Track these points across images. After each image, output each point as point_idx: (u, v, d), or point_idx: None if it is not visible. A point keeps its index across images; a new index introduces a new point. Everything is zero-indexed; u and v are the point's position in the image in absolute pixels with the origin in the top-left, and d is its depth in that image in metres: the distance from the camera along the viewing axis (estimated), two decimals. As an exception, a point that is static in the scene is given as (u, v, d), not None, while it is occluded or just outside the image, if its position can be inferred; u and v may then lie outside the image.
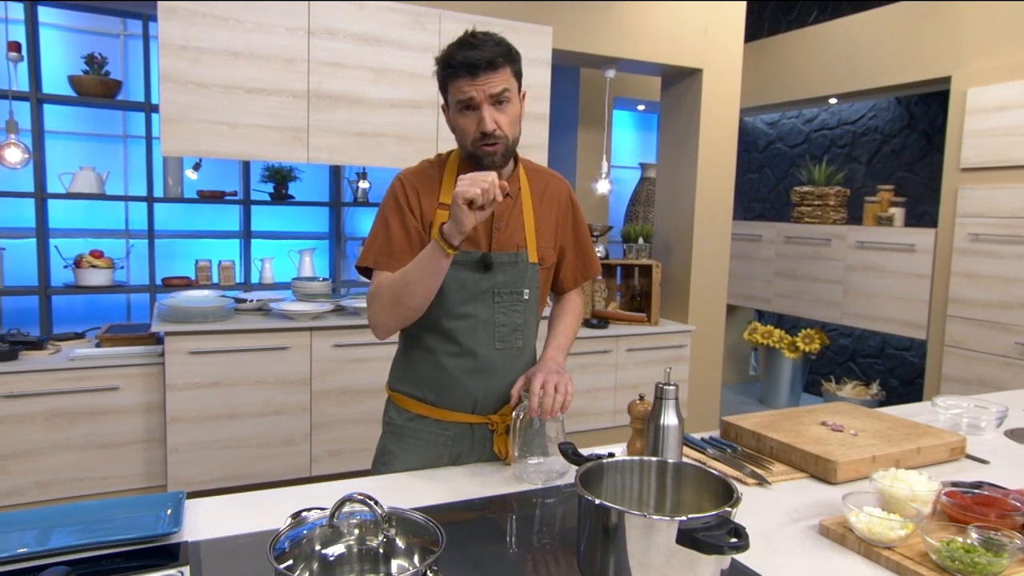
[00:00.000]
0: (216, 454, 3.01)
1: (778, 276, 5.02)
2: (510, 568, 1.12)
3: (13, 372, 2.76)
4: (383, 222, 1.49)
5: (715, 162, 4.12)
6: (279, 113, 3.05)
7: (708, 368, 4.28)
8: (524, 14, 3.51)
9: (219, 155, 2.99)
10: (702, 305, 4.20)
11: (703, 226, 4.13)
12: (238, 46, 2.93)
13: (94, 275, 3.77)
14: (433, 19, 3.28)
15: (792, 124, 5.61)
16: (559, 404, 1.40)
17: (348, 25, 3.13)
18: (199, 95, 2.90)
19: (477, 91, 1.38)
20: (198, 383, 2.94)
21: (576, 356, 3.78)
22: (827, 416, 1.79)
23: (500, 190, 1.26)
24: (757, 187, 5.93)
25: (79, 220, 4.04)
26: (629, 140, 5.73)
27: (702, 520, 0.95)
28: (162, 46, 2.82)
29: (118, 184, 4.13)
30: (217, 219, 4.39)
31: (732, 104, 4.13)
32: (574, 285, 1.69)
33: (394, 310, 1.40)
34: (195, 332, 2.92)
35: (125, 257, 4.06)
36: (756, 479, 1.48)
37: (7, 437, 2.77)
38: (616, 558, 0.99)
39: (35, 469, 2.81)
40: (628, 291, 4.32)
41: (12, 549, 1.08)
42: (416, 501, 1.33)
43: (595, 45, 3.69)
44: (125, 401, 2.91)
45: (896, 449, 1.56)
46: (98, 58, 3.74)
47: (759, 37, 5.55)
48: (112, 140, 4.10)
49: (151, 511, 1.23)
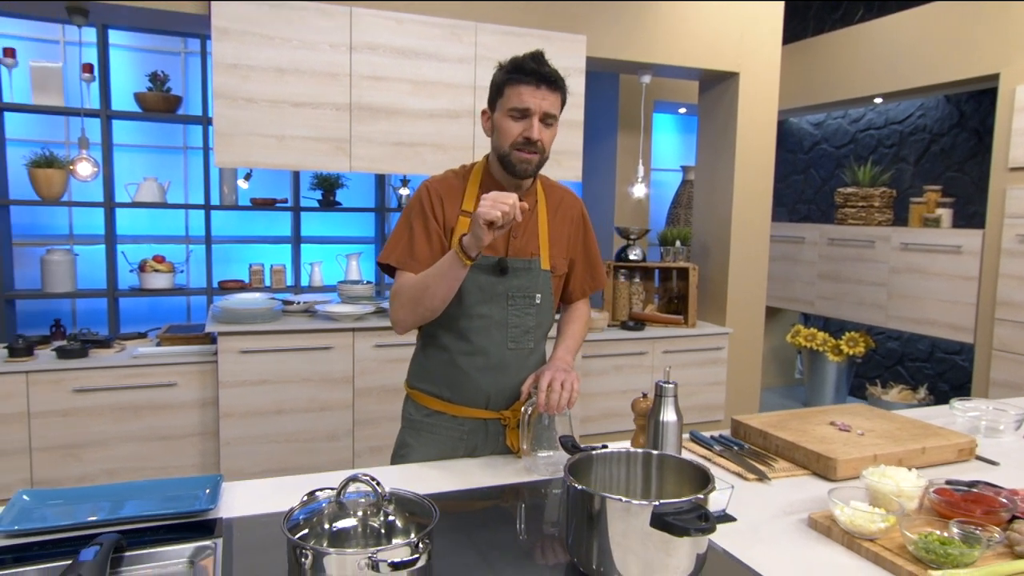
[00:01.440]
0: (264, 447, 3.19)
1: (821, 278, 4.97)
2: (506, 548, 1.22)
3: (83, 368, 3.00)
4: (407, 225, 1.60)
5: (753, 165, 4.12)
6: (323, 125, 3.22)
7: (747, 371, 4.28)
8: (558, 24, 3.60)
9: (268, 166, 3.17)
10: (740, 307, 4.20)
11: (741, 228, 4.14)
12: (285, 63, 3.12)
13: (156, 279, 4.03)
14: (469, 31, 3.40)
15: (838, 124, 5.53)
16: (565, 400, 1.50)
17: (388, 40, 3.28)
18: (249, 110, 3.09)
19: (535, 102, 1.50)
20: (248, 380, 3.13)
21: (611, 357, 3.85)
22: (838, 416, 1.83)
23: (522, 209, 1.36)
24: (803, 188, 5.86)
25: (143, 227, 4.32)
26: (671, 143, 5.75)
27: (674, 505, 1.03)
28: (215, 65, 3.02)
29: (179, 193, 4.39)
30: (270, 225, 4.62)
31: (769, 107, 4.13)
32: (582, 295, 1.79)
33: (413, 309, 1.52)
34: (246, 332, 3.11)
35: (185, 262, 4.32)
36: (756, 475, 1.54)
37: (79, 428, 3.00)
38: (599, 541, 1.08)
39: (103, 458, 3.04)
40: (666, 293, 4.36)
41: (73, 519, 1.24)
42: (431, 489, 1.44)
43: (629, 52, 3.76)
44: (182, 396, 3.12)
45: (900, 448, 1.60)
46: (160, 75, 4.01)
47: (804, 37, 5.49)
48: (173, 152, 4.37)
49: (192, 491, 1.38)
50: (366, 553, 0.92)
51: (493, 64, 3.51)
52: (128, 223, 4.27)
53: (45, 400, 2.94)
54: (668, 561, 1.04)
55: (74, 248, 4.10)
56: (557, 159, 3.63)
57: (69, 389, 2.97)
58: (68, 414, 2.97)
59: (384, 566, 0.92)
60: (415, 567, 0.94)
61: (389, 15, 3.27)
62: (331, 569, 0.93)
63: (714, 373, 4.12)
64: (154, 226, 4.36)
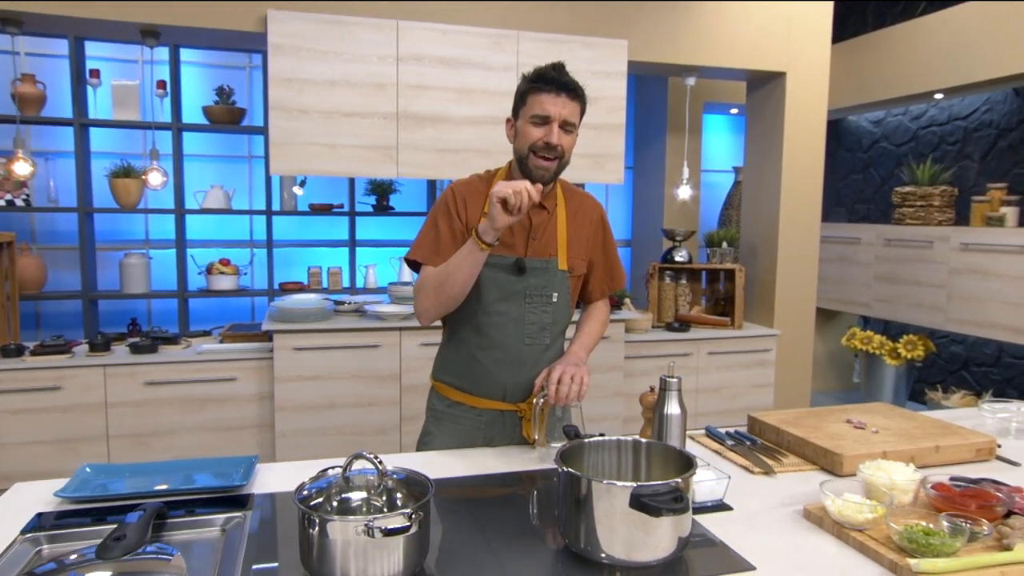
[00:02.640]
0: (317, 440, 3.37)
1: (878, 280, 4.84)
2: (508, 529, 1.30)
3: (153, 363, 3.24)
4: (433, 224, 1.72)
5: (801, 164, 4.07)
6: (371, 134, 3.38)
7: (796, 373, 4.22)
8: (600, 29, 3.66)
9: (320, 173, 3.36)
10: (789, 309, 4.15)
11: (789, 229, 4.10)
12: (335, 76, 3.29)
13: (222, 280, 4.30)
14: (512, 40, 3.50)
15: (898, 122, 5.37)
16: (574, 393, 1.57)
17: (433, 50, 3.42)
18: (302, 120, 3.28)
19: (555, 110, 1.60)
20: (301, 376, 3.32)
21: (655, 358, 3.88)
22: (857, 415, 1.84)
23: (534, 195, 1.45)
24: (862, 188, 5.72)
25: (211, 232, 4.61)
26: (723, 144, 5.71)
27: (652, 487, 1.10)
28: (271, 79, 3.22)
29: (244, 199, 4.66)
30: (328, 229, 4.84)
31: (818, 106, 4.07)
32: (601, 295, 1.86)
33: (436, 297, 1.62)
34: (299, 331, 3.30)
35: (248, 264, 4.58)
36: (762, 468, 1.58)
37: (149, 418, 3.25)
38: (586, 521, 1.15)
39: (171, 446, 3.28)
40: (713, 295, 4.35)
41: (125, 490, 1.40)
42: (447, 473, 1.54)
43: (672, 55, 3.78)
44: (242, 390, 3.33)
45: (911, 446, 1.60)
46: (226, 89, 4.28)
47: (863, 32, 5.37)
48: (238, 161, 4.64)
49: (230, 469, 1.52)
50: (364, 520, 1.03)
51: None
52: (198, 228, 4.55)
53: (120, 391, 3.19)
54: (647, 540, 1.11)
55: (149, 252, 4.41)
56: (599, 162, 3.69)
57: (141, 382, 3.21)
58: (140, 405, 3.22)
59: (378, 532, 1.02)
60: (407, 534, 1.04)
61: (434, 27, 3.40)
62: (334, 534, 1.05)
63: (761, 375, 4.09)
64: (221, 231, 4.64)
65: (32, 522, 1.29)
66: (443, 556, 1.19)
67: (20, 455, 3.09)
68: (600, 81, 3.63)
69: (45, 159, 4.24)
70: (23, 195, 4.00)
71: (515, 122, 1.69)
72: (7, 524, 1.29)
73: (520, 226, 1.68)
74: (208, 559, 1.21)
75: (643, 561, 1.13)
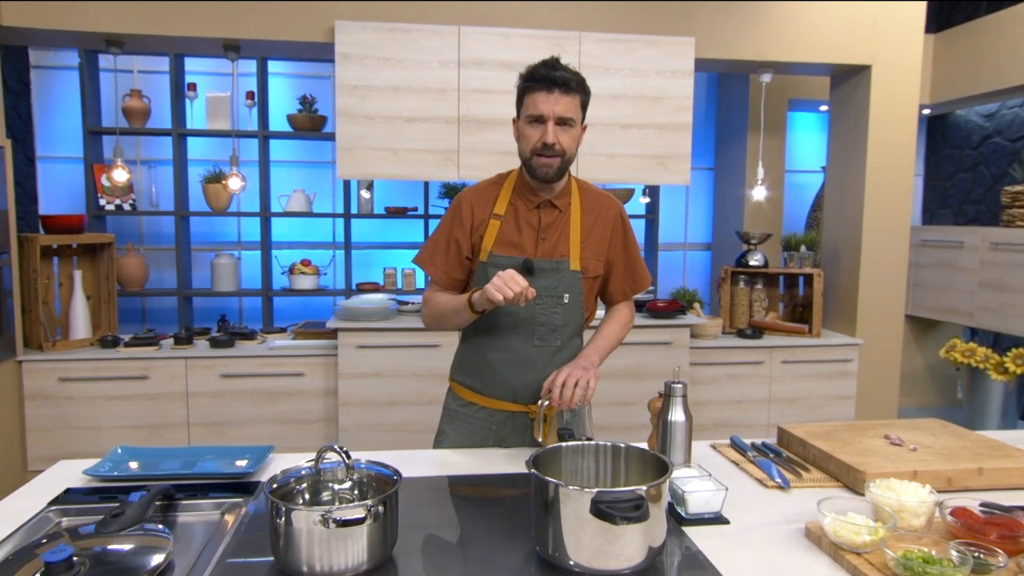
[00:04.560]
0: (378, 435, 3.48)
1: (983, 287, 4.44)
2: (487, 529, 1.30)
3: (229, 357, 3.45)
4: (441, 231, 1.75)
5: (888, 163, 3.81)
6: (433, 138, 3.45)
7: (881, 386, 3.95)
8: (664, 27, 3.58)
9: (385, 176, 3.47)
10: (874, 317, 3.89)
11: (874, 231, 3.84)
12: (399, 82, 3.39)
13: (303, 280, 4.51)
14: (573, 41, 3.48)
15: (1014, 115, 4.91)
16: (577, 397, 1.54)
17: (494, 55, 3.45)
18: (367, 126, 3.40)
19: (547, 108, 1.58)
20: (364, 373, 3.43)
21: (723, 366, 3.74)
22: (900, 430, 1.71)
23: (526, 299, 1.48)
24: (970, 188, 5.27)
25: (296, 234, 4.85)
26: (811, 143, 5.42)
27: (613, 494, 1.07)
28: (339, 87, 3.36)
29: (327, 203, 4.87)
30: (404, 232, 4.97)
31: (909, 100, 3.79)
32: (623, 297, 1.82)
33: (436, 324, 1.75)
34: (362, 329, 3.42)
35: (328, 265, 4.78)
36: (777, 482, 1.50)
37: (225, 408, 3.46)
38: (554, 526, 1.13)
39: (244, 436, 3.47)
40: (791, 301, 4.14)
41: (144, 472, 1.51)
42: (450, 471, 1.56)
43: (743, 51, 3.64)
44: (309, 385, 3.49)
45: (949, 467, 1.47)
46: (309, 98, 4.49)
47: (976, 16, 4.95)
48: (320, 166, 4.86)
49: (243, 457, 1.60)
50: (322, 511, 1.06)
51: (598, 72, 3.60)
52: (284, 230, 4.81)
53: (199, 382, 3.42)
54: (610, 548, 1.08)
55: (237, 253, 4.69)
56: (664, 163, 3.60)
57: (218, 374, 3.43)
58: (217, 395, 3.44)
59: (333, 523, 1.05)
60: (361, 526, 1.06)
61: (496, 31, 3.44)
62: (297, 523, 1.08)
63: (842, 387, 3.85)
64: (305, 233, 4.87)
65: (60, 496, 1.41)
66: (414, 550, 1.20)
67: (114, 438, 3.37)
68: (665, 80, 3.54)
69: (148, 167, 4.61)
70: (130, 200, 4.37)
71: (518, 123, 1.68)
72: (40, 496, 1.42)
73: (529, 226, 1.68)
74: (201, 540, 1.28)
75: (610, 570, 1.10)
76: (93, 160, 4.22)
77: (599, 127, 3.53)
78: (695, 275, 5.27)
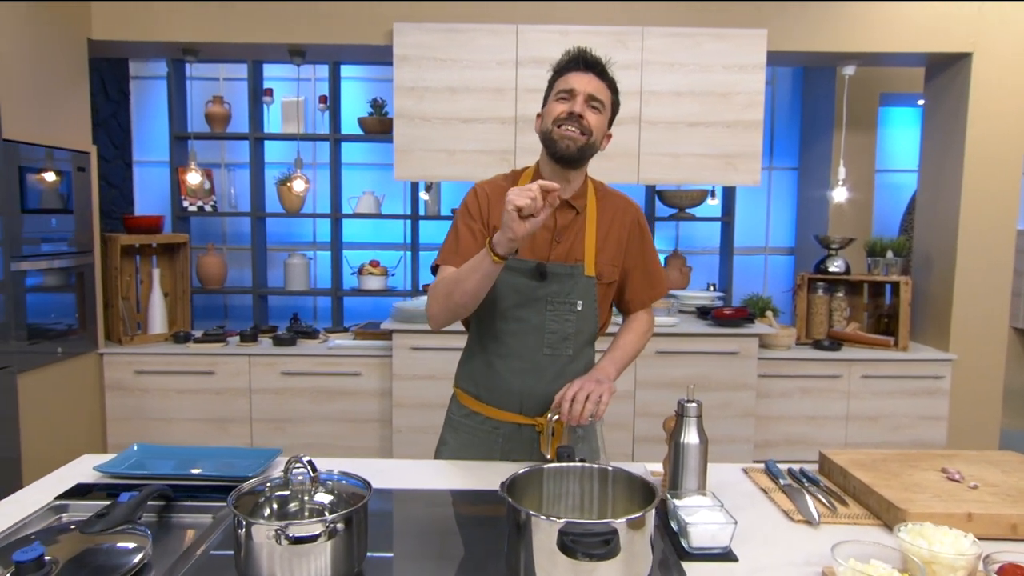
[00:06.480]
0: (429, 437, 3.42)
1: (1107, 300, 3.96)
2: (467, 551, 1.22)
3: (291, 355, 3.53)
4: (455, 227, 1.66)
5: (990, 161, 3.45)
6: (489, 138, 3.40)
7: (979, 406, 3.57)
8: (733, 19, 3.38)
9: (441, 178, 3.45)
10: (971, 330, 3.53)
11: (972, 236, 3.49)
12: (455, 83, 3.36)
13: (371, 281, 4.57)
14: (635, 37, 3.35)
15: None
16: (587, 412, 1.44)
17: (553, 53, 3.30)
18: (424, 128, 3.39)
19: (580, 84, 1.54)
20: (417, 374, 3.43)
21: (796, 379, 3.50)
22: (963, 463, 1.50)
23: (551, 198, 1.30)
24: (1098, 188, 4.71)
25: (367, 235, 4.92)
26: (909, 140, 5.01)
27: (582, 527, 0.97)
28: (396, 88, 3.37)
29: (397, 204, 4.92)
30: (471, 234, 4.95)
31: (1018, 90, 3.42)
32: (641, 305, 1.70)
33: (445, 303, 1.52)
34: (416, 331, 3.41)
35: (396, 266, 4.83)
36: (805, 516, 1.34)
37: (286, 405, 3.54)
38: (525, 556, 1.04)
39: (303, 433, 3.54)
40: (876, 311, 3.83)
41: (150, 471, 1.52)
42: (451, 485, 1.49)
43: (820, 42, 3.38)
44: (365, 385, 3.52)
45: (1013, 512, 1.27)
46: (379, 101, 4.54)
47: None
48: (390, 168, 4.91)
49: (245, 460, 1.60)
50: (276, 525, 1.02)
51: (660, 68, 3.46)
52: (356, 232, 4.89)
53: (262, 379, 3.52)
54: (580, 585, 0.98)
55: (310, 253, 4.81)
56: (732, 162, 3.40)
57: (279, 371, 3.51)
58: (278, 393, 3.52)
59: (285, 540, 1.00)
60: (314, 543, 1.01)
61: (554, 28, 3.35)
62: (256, 536, 1.04)
63: (932, 406, 3.52)
64: (376, 234, 4.94)
65: (69, 490, 1.44)
66: (383, 568, 1.14)
67: (182, 430, 3.52)
68: (734, 75, 3.34)
69: (228, 170, 4.80)
70: (211, 201, 4.57)
71: (541, 115, 1.61)
72: (51, 488, 1.45)
73: (544, 227, 1.58)
74: (187, 542, 1.27)
75: (584, 607, 1.00)
76: (178, 164, 4.43)
77: (662, 126, 3.38)
78: (776, 281, 4.98)
